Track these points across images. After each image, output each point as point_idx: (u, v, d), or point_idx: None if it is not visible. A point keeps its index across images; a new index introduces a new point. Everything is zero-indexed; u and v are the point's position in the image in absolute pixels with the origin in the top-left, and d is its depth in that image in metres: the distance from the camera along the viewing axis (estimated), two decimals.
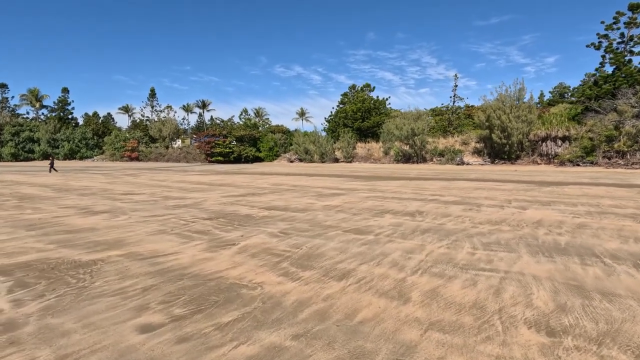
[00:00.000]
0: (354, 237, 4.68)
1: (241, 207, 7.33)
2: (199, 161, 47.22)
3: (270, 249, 4.09)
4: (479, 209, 6.98)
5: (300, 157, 39.25)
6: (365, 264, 3.51)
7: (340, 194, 9.62)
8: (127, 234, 4.91)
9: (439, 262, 3.58)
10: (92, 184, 13.52)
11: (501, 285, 2.93)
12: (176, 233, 4.95)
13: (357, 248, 4.13)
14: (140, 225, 5.52)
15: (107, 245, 4.29)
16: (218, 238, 4.65)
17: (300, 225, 5.49)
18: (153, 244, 4.35)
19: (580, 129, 22.86)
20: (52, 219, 6.03)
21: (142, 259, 3.73)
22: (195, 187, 11.82)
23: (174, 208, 7.27)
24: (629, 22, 25.34)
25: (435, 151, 29.28)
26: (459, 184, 12.49)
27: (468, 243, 4.32)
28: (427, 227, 5.30)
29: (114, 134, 52.48)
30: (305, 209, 7.13)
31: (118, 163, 43.17)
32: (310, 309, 2.51)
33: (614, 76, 24.57)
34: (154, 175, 18.62)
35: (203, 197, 9.04)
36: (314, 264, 3.55)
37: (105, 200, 8.46)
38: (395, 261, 3.60)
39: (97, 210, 6.96)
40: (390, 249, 4.06)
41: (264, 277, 3.17)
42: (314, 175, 18.09)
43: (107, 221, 5.85)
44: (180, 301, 2.64)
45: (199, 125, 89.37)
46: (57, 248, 4.15)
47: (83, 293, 2.79)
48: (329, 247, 4.18)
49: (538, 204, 7.52)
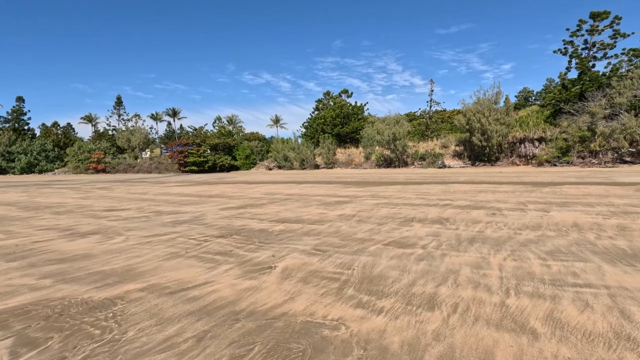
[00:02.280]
0: (401, 251, 4.20)
1: (249, 221, 6.66)
2: (172, 171, 45.26)
3: (318, 272, 3.52)
4: (502, 212, 6.72)
5: (280, 164, 38.50)
6: (442, 286, 3.03)
7: (345, 202, 9.14)
8: (135, 260, 4.15)
9: (521, 278, 3.16)
10: (64, 200, 12.23)
11: (622, 305, 2.54)
12: (194, 256, 4.26)
13: (415, 265, 3.64)
14: (145, 248, 4.75)
15: (117, 276, 3.54)
16: (247, 260, 4.01)
17: (330, 239, 4.94)
18: (174, 271, 3.65)
19: (555, 130, 23.86)
20: (33, 245, 5.11)
21: (170, 293, 3.04)
22: (184, 200, 10.92)
23: (174, 225, 6.48)
24: (592, 30, 26.89)
25: (416, 155, 29.56)
26: (456, 187, 12.37)
27: (529, 253, 3.95)
28: (468, 235, 4.91)
29: (77, 145, 49.31)
30: (320, 220, 6.58)
31: (83, 176, 40.44)
32: (431, 354, 1.98)
33: (581, 80, 25.91)
34: (129, 188, 17.32)
35: (199, 211, 8.24)
36: (382, 288, 3.02)
37: (88, 219, 7.49)
38: (473, 280, 3.15)
39: (83, 232, 6.06)
40: (454, 265, 3.60)
41: (338, 310, 2.61)
42: (302, 183, 17.51)
43: (101, 244, 5.02)
44: (255, 355, 2.03)
45: (169, 135, 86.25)
46: (54, 284, 3.36)
47: (119, 350, 2.11)
48: (383, 265, 3.67)
49: (555, 206, 7.39)
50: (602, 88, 23.25)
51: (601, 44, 26.37)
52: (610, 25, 26.58)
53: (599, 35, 26.61)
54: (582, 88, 25.24)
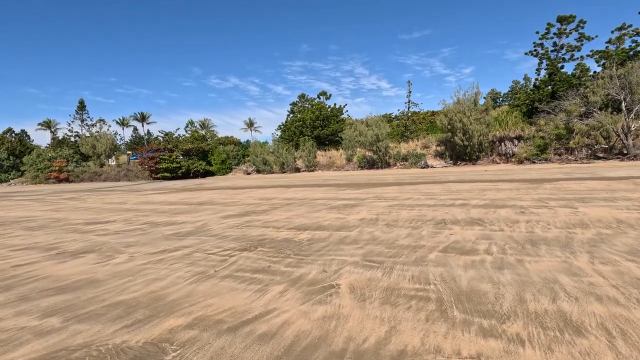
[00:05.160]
0: (468, 258, 3.72)
1: (264, 230, 5.98)
2: (143, 179, 42.92)
3: (394, 289, 2.96)
4: (530, 210, 6.45)
5: (259, 168, 37.45)
6: (560, 301, 2.56)
7: (354, 205, 8.61)
8: (157, 284, 3.40)
9: (630, 284, 2.76)
10: (31, 213, 10.87)
11: None
12: (228, 276, 3.56)
13: (500, 275, 3.16)
14: (161, 267, 3.99)
15: (146, 308, 2.81)
16: (297, 278, 3.38)
17: (373, 248, 4.39)
18: (215, 298, 2.96)
19: (532, 129, 24.69)
20: (15, 270, 4.18)
21: (230, 329, 2.37)
22: (173, 209, 9.97)
23: (179, 238, 5.68)
24: (559, 33, 28.17)
25: (398, 156, 29.63)
26: (456, 187, 12.20)
27: (609, 254, 3.60)
28: (522, 237, 4.53)
29: (35, 153, 45.68)
30: (344, 225, 6.02)
31: (43, 186, 37.36)
32: None
33: (552, 80, 27.04)
34: (103, 198, 15.89)
35: (199, 220, 7.42)
36: (491, 307, 2.51)
37: (72, 234, 6.49)
38: (587, 290, 2.71)
39: (72, 250, 5.13)
40: (543, 272, 3.16)
41: (465, 342, 2.06)
42: (292, 187, 16.83)
43: (103, 266, 4.19)
44: None
45: (136, 140, 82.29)
46: (66, 324, 2.58)
47: None
48: (464, 277, 3.17)
49: (575, 202, 7.24)
50: (573, 88, 24.37)
51: (569, 46, 27.69)
52: (576, 29, 27.97)
53: (566, 38, 27.93)
54: (554, 88, 26.33)
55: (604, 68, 24.80)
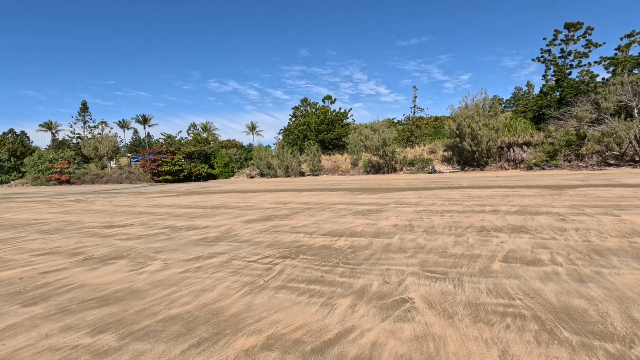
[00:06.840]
0: (539, 270, 3.46)
1: (296, 236, 5.70)
2: (145, 182, 42.61)
3: (478, 304, 2.70)
4: (570, 218, 6.20)
5: (263, 172, 37.19)
6: None
7: (378, 211, 8.35)
8: (207, 296, 3.12)
9: None
10: (40, 216, 10.56)
11: None
12: (282, 287, 3.29)
13: (591, 291, 2.90)
14: (204, 276, 3.71)
15: (208, 324, 2.53)
16: (361, 291, 3.11)
17: (427, 257, 4.12)
18: (279, 313, 2.69)
19: (541, 135, 24.53)
20: (44, 278, 3.90)
21: (315, 351, 2.10)
22: (189, 213, 9.68)
23: (208, 244, 5.40)
24: (567, 40, 28.15)
25: (405, 161, 29.42)
26: (475, 193, 11.96)
27: None
28: (582, 247, 4.27)
29: (36, 154, 45.34)
30: (380, 233, 5.75)
31: (45, 188, 36.96)
32: None
33: (560, 87, 26.96)
34: (111, 200, 15.58)
35: (221, 225, 7.14)
36: (600, 327, 2.24)
37: (92, 239, 6.20)
38: None
39: (99, 256, 4.85)
40: (633, 286, 2.90)
41: None
42: (304, 191, 16.56)
43: (139, 274, 3.91)
44: None
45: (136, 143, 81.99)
46: (123, 342, 2.30)
47: None
48: (551, 291, 2.90)
49: (613, 209, 7.00)
50: (582, 94, 24.27)
51: (577, 53, 27.66)
52: (583, 36, 27.97)
53: (574, 44, 27.92)
54: (562, 94, 26.24)
55: (614, 75, 24.74)
